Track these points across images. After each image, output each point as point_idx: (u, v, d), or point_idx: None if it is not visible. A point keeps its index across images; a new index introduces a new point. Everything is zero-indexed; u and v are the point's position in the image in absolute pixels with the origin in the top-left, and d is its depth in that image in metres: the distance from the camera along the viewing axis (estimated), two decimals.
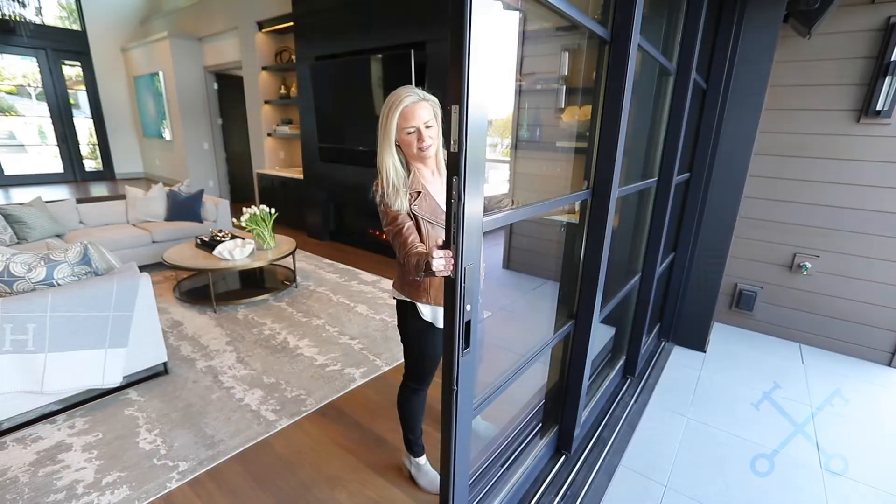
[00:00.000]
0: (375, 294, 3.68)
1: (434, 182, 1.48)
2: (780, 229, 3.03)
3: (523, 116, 3.74)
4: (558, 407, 1.94)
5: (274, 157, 6.29)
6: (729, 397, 2.44)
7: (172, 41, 6.41)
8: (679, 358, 2.84)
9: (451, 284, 1.02)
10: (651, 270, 2.39)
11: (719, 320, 3.35)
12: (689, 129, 2.49)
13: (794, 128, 2.87)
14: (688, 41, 2.11)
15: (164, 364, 2.46)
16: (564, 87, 3.43)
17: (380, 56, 3.88)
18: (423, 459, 1.81)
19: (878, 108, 2.60)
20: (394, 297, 1.60)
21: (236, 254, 3.31)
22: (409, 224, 1.37)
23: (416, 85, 3.92)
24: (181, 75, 6.61)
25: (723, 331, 3.23)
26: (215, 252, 3.32)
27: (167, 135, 7.28)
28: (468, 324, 1.04)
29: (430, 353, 1.61)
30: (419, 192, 1.41)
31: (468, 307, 1.03)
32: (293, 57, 5.32)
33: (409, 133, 1.37)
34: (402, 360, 1.75)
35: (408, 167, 1.44)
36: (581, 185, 1.67)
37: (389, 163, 1.38)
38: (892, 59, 2.53)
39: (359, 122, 4.38)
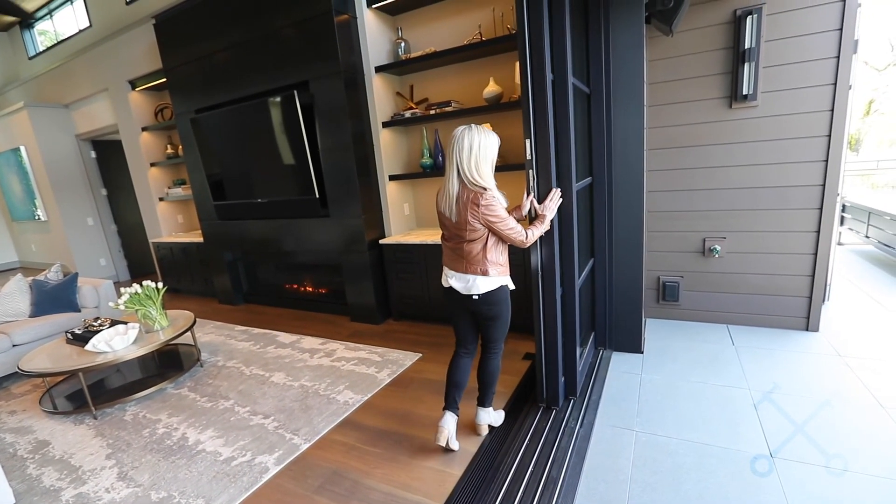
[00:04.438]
0: (294, 356, 3.29)
1: None
2: (687, 217, 3.10)
3: (423, 144, 3.62)
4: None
5: (171, 223, 5.70)
6: (672, 398, 2.35)
7: (31, 111, 5.68)
8: (619, 364, 2.74)
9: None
10: (570, 281, 2.27)
11: (651, 315, 3.34)
12: (581, 134, 2.47)
13: (678, 120, 2.97)
14: (558, 46, 2.08)
15: None
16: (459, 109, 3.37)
17: (263, 101, 3.61)
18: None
19: (745, 92, 2.76)
20: (481, 294, 1.89)
21: (116, 343, 2.80)
22: None
23: (306, 125, 3.68)
24: (48, 147, 5.86)
25: (655, 326, 3.21)
26: (88, 346, 2.79)
27: (41, 215, 6.39)
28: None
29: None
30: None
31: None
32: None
33: None
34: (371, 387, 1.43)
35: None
36: None
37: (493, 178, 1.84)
38: (746, 47, 2.70)
39: (255, 174, 4.04)
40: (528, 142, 1.97)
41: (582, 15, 2.46)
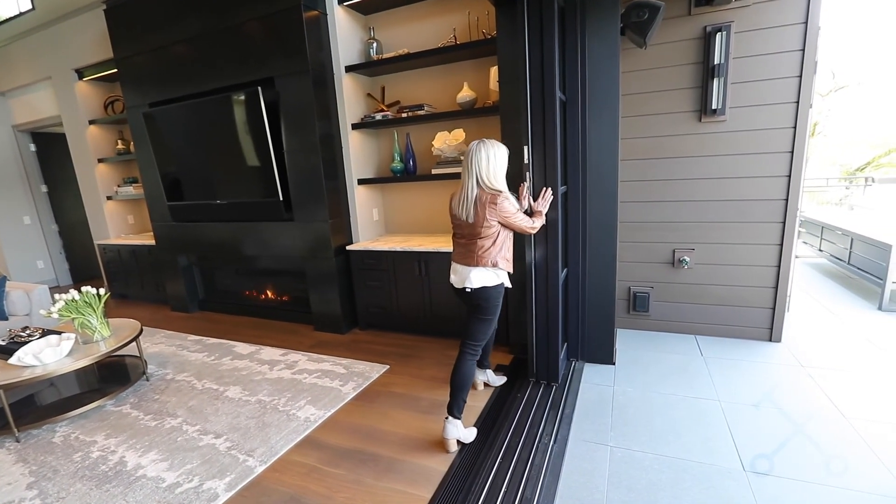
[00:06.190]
0: (252, 369, 3.07)
1: None
2: (657, 228, 3.12)
3: (394, 148, 3.50)
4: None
5: (121, 224, 5.31)
6: (645, 410, 2.32)
7: None
8: (591, 376, 2.70)
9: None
10: (554, 285, 2.23)
11: (621, 326, 3.33)
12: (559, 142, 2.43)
13: (650, 132, 2.99)
14: (547, 56, 2.04)
15: None
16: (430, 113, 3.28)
17: (224, 97, 3.40)
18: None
19: (714, 107, 2.81)
20: (474, 287, 2.05)
21: (46, 356, 2.51)
22: None
23: (270, 124, 3.48)
24: None
25: (626, 336, 3.21)
26: (12, 359, 2.49)
27: None
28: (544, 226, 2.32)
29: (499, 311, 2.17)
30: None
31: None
32: None
33: None
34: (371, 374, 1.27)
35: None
36: None
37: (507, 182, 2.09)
38: (715, 62, 2.75)
39: (214, 174, 3.79)
40: (525, 148, 2.27)
41: (559, 22, 2.43)
